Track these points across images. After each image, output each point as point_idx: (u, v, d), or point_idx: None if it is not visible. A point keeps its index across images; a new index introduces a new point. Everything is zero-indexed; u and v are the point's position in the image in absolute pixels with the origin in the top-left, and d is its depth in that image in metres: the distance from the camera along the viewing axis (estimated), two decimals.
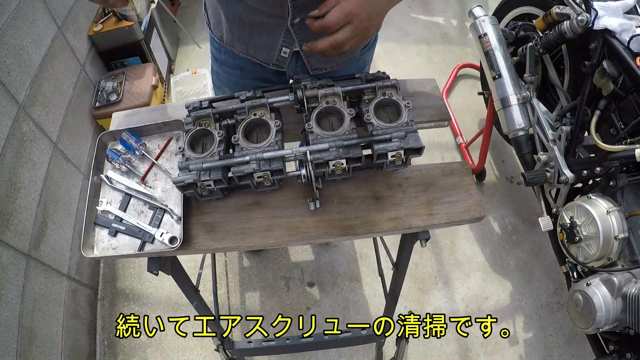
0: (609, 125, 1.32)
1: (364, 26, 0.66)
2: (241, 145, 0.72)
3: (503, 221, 2.01)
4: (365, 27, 0.67)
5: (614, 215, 1.21)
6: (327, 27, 0.65)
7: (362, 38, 0.68)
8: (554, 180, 1.43)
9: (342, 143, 0.70)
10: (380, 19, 0.69)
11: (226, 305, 1.76)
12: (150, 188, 0.80)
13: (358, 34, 0.66)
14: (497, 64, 1.55)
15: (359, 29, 0.66)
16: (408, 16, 2.81)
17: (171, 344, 1.67)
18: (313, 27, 0.67)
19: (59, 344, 1.43)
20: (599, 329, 1.16)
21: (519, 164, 1.93)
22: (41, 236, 1.43)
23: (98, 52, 2.01)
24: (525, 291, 1.83)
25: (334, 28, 0.65)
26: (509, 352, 1.70)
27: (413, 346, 1.69)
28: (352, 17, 0.64)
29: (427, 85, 0.93)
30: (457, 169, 0.83)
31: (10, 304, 1.22)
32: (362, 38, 0.68)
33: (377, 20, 0.68)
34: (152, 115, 0.91)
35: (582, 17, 1.29)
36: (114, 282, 1.81)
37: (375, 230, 0.76)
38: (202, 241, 0.75)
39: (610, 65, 1.24)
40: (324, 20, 0.65)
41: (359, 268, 1.86)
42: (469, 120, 2.32)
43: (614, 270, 1.20)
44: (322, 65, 0.94)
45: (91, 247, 0.75)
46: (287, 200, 0.79)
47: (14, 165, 1.33)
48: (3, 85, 1.30)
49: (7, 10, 1.36)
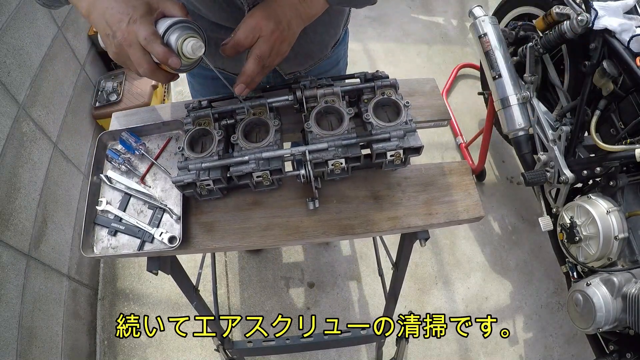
0: (609, 125, 1.32)
1: (277, 36, 0.65)
2: (240, 145, 0.72)
3: (503, 221, 2.01)
4: (279, 37, 0.66)
5: (614, 215, 1.21)
6: (238, 45, 0.65)
7: (281, 49, 0.67)
8: (554, 180, 1.43)
9: (341, 142, 0.70)
10: (293, 26, 0.68)
11: (226, 305, 1.76)
12: (150, 188, 0.80)
13: (274, 44, 0.66)
14: (497, 64, 1.55)
15: (273, 40, 0.65)
16: (408, 16, 2.81)
17: (171, 344, 1.67)
18: (227, 51, 0.66)
19: (59, 344, 1.43)
20: (599, 329, 1.16)
21: (519, 164, 1.93)
22: (41, 236, 1.43)
23: (98, 52, 2.01)
24: (525, 291, 1.83)
25: (245, 44, 0.65)
26: (509, 352, 1.70)
27: (413, 346, 1.69)
28: (260, 29, 0.64)
29: (427, 85, 0.93)
30: (457, 169, 0.82)
31: (10, 304, 1.22)
32: (280, 49, 0.67)
33: (289, 29, 0.67)
34: (151, 115, 0.91)
35: (582, 17, 1.29)
36: (114, 282, 1.81)
37: (375, 230, 0.76)
38: (201, 241, 0.75)
39: (610, 65, 1.24)
40: (233, 39, 0.64)
41: (359, 268, 1.86)
42: (469, 120, 2.32)
43: (614, 270, 1.20)
44: (295, 69, 0.94)
45: (91, 246, 0.75)
46: (286, 199, 0.79)
47: (14, 165, 1.33)
48: (3, 85, 1.30)
49: (7, 10, 1.36)
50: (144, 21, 0.58)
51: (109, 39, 0.60)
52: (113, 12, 0.58)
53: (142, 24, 0.58)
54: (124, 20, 0.58)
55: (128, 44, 0.58)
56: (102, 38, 0.62)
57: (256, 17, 0.64)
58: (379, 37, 2.68)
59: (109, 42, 0.60)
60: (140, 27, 0.58)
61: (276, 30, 0.65)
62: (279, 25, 0.65)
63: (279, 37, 0.66)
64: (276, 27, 0.65)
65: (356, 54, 2.58)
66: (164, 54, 0.58)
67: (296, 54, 0.89)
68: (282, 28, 0.66)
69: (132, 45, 0.58)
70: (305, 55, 0.91)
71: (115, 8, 0.59)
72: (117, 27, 0.58)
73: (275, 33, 0.65)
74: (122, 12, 0.58)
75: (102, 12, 0.59)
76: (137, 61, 0.59)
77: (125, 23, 0.58)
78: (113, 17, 0.58)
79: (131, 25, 0.58)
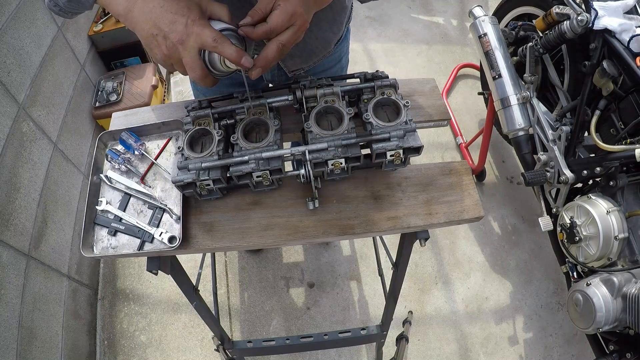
0: (609, 125, 1.32)
1: (304, 24, 0.63)
2: (240, 145, 0.72)
3: (503, 221, 2.01)
4: (304, 25, 0.63)
5: (614, 215, 1.21)
6: (272, 32, 0.61)
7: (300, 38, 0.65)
8: (554, 180, 1.43)
9: (341, 142, 0.70)
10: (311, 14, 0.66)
11: (226, 305, 1.77)
12: (150, 188, 0.80)
13: (299, 32, 0.63)
14: (497, 64, 1.55)
15: (301, 28, 0.63)
16: (408, 16, 2.81)
17: (171, 344, 1.67)
18: (254, 34, 0.61)
19: (59, 344, 1.43)
20: (599, 329, 1.16)
21: (519, 164, 1.93)
22: (41, 236, 1.43)
23: (98, 52, 2.01)
24: (525, 291, 1.83)
25: (279, 31, 0.61)
26: (509, 352, 1.70)
27: (413, 346, 1.69)
28: (296, 17, 0.61)
29: (427, 85, 0.93)
30: (456, 169, 0.82)
31: (10, 304, 1.22)
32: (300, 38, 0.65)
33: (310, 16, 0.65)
34: (151, 115, 0.91)
35: (582, 17, 1.29)
36: (114, 282, 1.81)
37: (374, 230, 0.76)
38: (201, 240, 0.75)
39: (610, 65, 1.24)
40: (268, 25, 0.60)
41: (359, 268, 1.86)
42: (469, 120, 2.32)
43: (614, 270, 1.20)
44: (299, 66, 0.94)
45: (91, 246, 0.75)
46: (286, 199, 0.79)
47: (14, 165, 1.33)
48: (3, 85, 1.30)
49: (7, 10, 1.36)
50: (204, 23, 0.56)
51: (156, 39, 0.56)
52: (163, 12, 0.55)
53: (204, 26, 0.55)
54: (178, 21, 0.55)
55: (184, 47, 0.56)
56: (145, 39, 0.58)
57: (294, 4, 0.61)
58: (379, 37, 2.69)
59: (155, 44, 0.57)
60: (205, 29, 0.55)
61: (307, 20, 0.63)
62: (308, 15, 0.63)
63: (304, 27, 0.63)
64: (307, 17, 0.63)
65: (356, 54, 2.58)
66: (238, 53, 0.56)
67: (301, 51, 0.90)
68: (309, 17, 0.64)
69: (188, 48, 0.56)
70: (310, 52, 0.91)
71: (165, 7, 0.55)
72: (172, 29, 0.55)
73: (305, 23, 0.63)
74: (175, 12, 0.55)
75: (148, 11, 0.56)
76: (190, 65, 0.57)
77: (181, 24, 0.55)
78: (164, 17, 0.55)
79: (190, 26, 0.55)
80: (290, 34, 0.62)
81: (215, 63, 0.61)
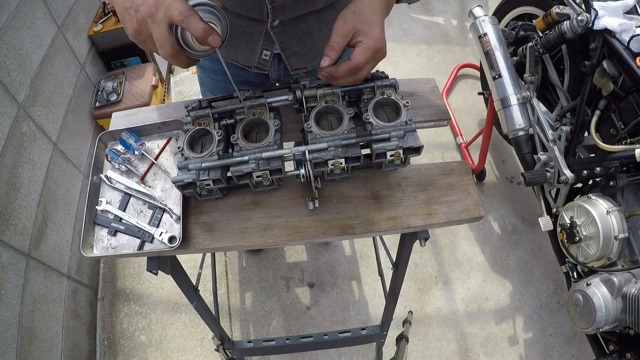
0: (609, 125, 1.32)
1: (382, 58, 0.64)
2: (240, 145, 0.72)
3: (503, 221, 2.01)
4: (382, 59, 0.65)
5: (614, 215, 1.21)
6: (357, 69, 0.61)
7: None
8: (554, 180, 1.43)
9: (341, 142, 0.70)
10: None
11: (226, 305, 1.77)
12: (150, 188, 0.80)
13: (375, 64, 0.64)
14: (497, 64, 1.55)
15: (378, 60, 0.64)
16: (408, 16, 2.81)
17: (171, 344, 1.67)
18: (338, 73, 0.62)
19: (59, 344, 1.43)
20: (599, 329, 1.16)
21: (519, 164, 1.94)
22: (41, 236, 1.43)
23: (98, 52, 2.01)
24: (525, 291, 1.83)
25: (362, 69, 0.62)
26: (509, 352, 1.70)
27: (413, 346, 1.69)
28: (377, 53, 0.62)
29: (427, 85, 0.93)
30: (456, 169, 0.82)
31: (10, 304, 1.22)
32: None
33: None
34: (151, 115, 0.91)
35: (582, 17, 1.29)
36: (114, 282, 1.81)
37: (374, 230, 0.76)
38: (201, 241, 0.75)
39: (610, 65, 1.24)
40: (352, 63, 0.61)
41: (359, 268, 1.86)
42: (469, 120, 2.32)
43: (614, 270, 1.20)
44: (302, 65, 0.94)
45: (91, 246, 0.75)
46: (286, 199, 0.79)
47: (14, 165, 1.33)
48: (3, 85, 1.30)
49: (7, 10, 1.36)
50: None
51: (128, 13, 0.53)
52: None
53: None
54: None
55: (153, 20, 0.52)
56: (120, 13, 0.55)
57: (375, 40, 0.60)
58: None
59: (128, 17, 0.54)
60: (174, 2, 0.51)
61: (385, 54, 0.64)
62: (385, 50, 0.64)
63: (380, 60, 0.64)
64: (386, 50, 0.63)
65: None
66: (205, 30, 0.52)
67: (307, 51, 0.90)
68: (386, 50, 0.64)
69: (157, 22, 0.52)
70: (316, 52, 0.92)
71: None
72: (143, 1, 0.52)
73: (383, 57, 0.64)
74: None
75: None
76: (160, 40, 0.53)
77: None
78: None
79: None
80: (369, 69, 0.63)
81: (188, 40, 0.56)
